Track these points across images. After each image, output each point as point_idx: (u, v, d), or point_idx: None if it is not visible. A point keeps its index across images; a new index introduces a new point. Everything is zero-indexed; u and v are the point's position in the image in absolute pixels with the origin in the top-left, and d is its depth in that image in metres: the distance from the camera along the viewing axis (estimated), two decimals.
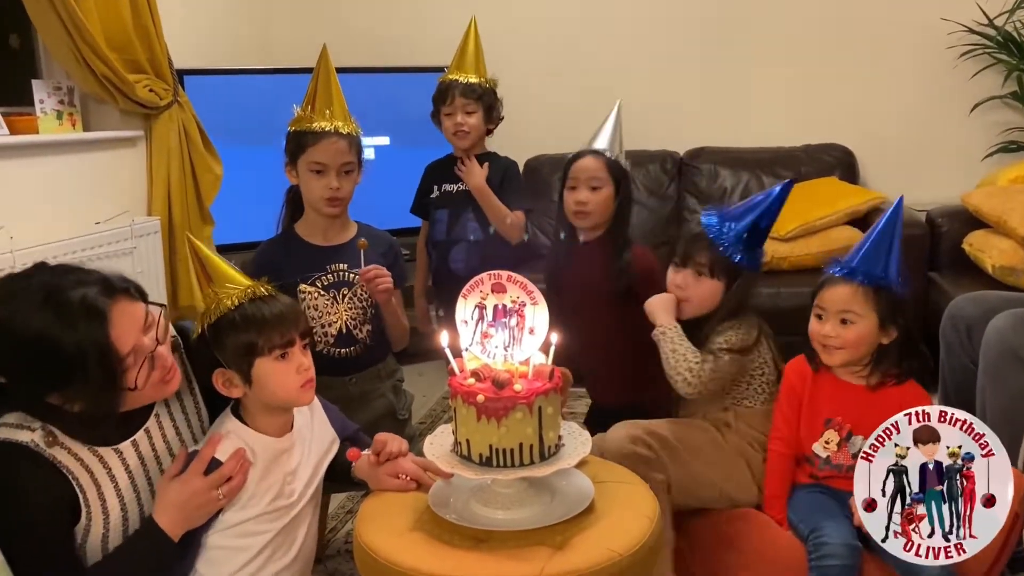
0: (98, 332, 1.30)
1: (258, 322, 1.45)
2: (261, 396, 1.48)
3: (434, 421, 3.18)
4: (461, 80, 2.65)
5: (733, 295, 1.89)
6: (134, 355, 1.34)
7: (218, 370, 1.47)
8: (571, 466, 1.40)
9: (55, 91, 2.91)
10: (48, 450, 1.32)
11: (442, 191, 2.76)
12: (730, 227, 1.87)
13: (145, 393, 1.40)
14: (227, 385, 1.48)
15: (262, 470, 1.49)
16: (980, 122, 3.81)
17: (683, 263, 1.92)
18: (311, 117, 2.01)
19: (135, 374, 1.34)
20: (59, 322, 1.27)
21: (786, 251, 3.41)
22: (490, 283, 1.42)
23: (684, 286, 1.91)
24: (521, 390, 1.33)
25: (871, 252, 1.77)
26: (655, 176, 3.94)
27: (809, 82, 3.98)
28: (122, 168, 3.14)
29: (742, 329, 1.86)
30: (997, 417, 2.12)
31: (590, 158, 2.22)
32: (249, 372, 1.46)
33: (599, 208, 2.18)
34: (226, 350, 1.45)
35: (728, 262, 1.87)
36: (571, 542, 1.33)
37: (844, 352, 1.78)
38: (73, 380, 1.29)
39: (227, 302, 1.46)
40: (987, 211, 3.15)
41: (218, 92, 3.48)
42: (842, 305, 1.76)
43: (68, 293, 1.29)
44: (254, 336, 1.44)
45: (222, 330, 1.45)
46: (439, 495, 1.46)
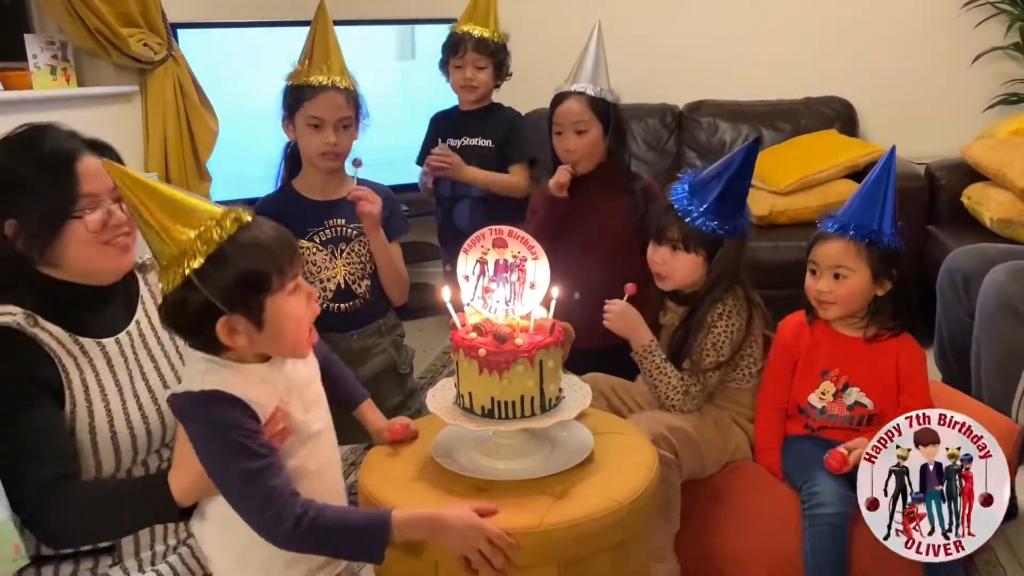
0: (70, 150, 1.33)
1: (261, 250, 1.21)
2: (270, 340, 1.25)
3: (435, 375, 3.21)
4: (475, 34, 2.61)
5: (717, 267, 1.84)
6: (92, 199, 1.34)
7: (223, 318, 1.19)
8: (571, 418, 1.42)
9: (48, 46, 2.88)
10: (30, 329, 1.31)
11: (446, 145, 2.73)
12: (700, 197, 1.82)
13: (99, 262, 1.38)
14: (232, 333, 1.21)
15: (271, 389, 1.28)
16: (981, 74, 3.78)
17: (658, 239, 1.88)
18: (308, 71, 1.99)
19: (91, 214, 1.34)
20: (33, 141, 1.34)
21: (785, 205, 3.41)
22: (491, 238, 1.42)
23: (663, 262, 1.88)
24: (522, 344, 1.34)
25: (863, 206, 1.77)
26: (654, 130, 3.92)
27: (809, 34, 3.94)
28: (117, 124, 3.12)
29: (733, 321, 1.82)
30: (992, 369, 2.15)
31: (572, 101, 2.20)
32: (260, 313, 1.22)
33: (587, 151, 2.17)
34: (228, 291, 1.19)
35: (701, 234, 1.81)
36: (571, 491, 1.35)
37: (838, 307, 1.80)
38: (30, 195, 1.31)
39: (216, 235, 1.19)
40: (986, 164, 3.14)
41: (213, 46, 3.44)
42: (834, 260, 1.77)
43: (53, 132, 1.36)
44: (264, 266, 1.21)
45: (218, 268, 1.18)
46: (442, 446, 1.48)
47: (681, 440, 1.76)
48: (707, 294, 1.85)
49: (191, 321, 1.21)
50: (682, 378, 1.82)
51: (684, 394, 1.82)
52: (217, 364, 1.25)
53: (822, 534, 1.66)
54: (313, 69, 1.99)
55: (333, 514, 1.22)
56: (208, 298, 1.18)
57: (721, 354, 1.82)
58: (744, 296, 1.87)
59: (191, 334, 1.25)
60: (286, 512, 1.18)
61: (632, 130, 3.89)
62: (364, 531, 1.23)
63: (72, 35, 2.89)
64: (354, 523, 1.24)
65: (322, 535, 1.20)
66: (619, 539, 1.34)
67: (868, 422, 1.79)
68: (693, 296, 1.89)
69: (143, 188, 1.20)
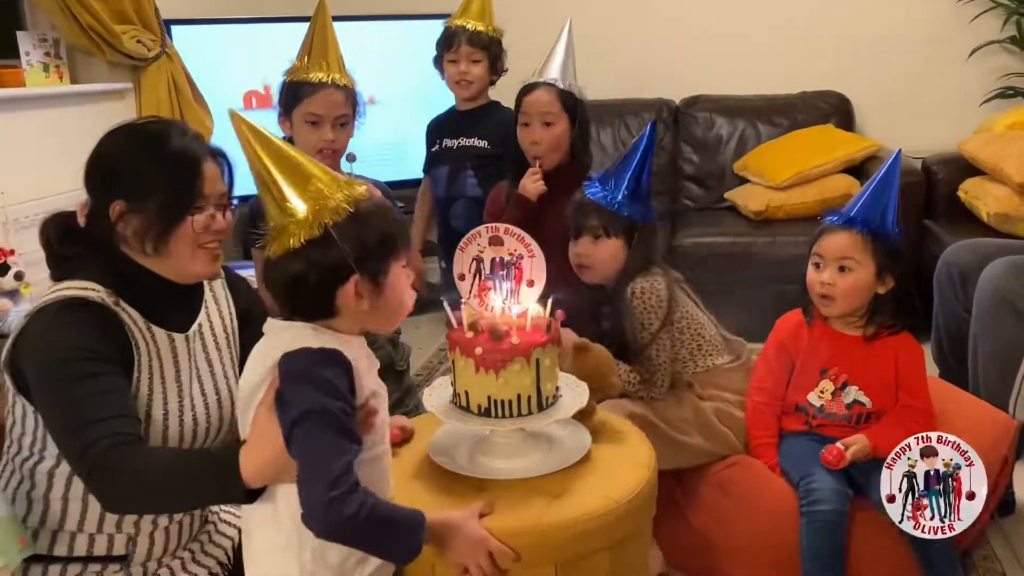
0: (197, 152, 1.38)
1: (390, 214, 1.23)
2: (383, 307, 1.22)
3: (431, 372, 3.20)
4: (468, 27, 2.60)
5: (637, 249, 1.89)
6: (206, 200, 1.38)
7: (354, 277, 1.17)
8: (568, 417, 1.41)
9: (40, 43, 2.86)
10: (112, 307, 1.32)
11: (442, 146, 2.72)
12: (612, 185, 1.88)
13: (191, 263, 1.39)
14: (358, 295, 1.19)
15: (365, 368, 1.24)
16: (978, 67, 3.77)
17: (577, 233, 1.91)
18: (307, 68, 1.98)
19: (199, 215, 1.36)
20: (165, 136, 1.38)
21: (781, 200, 3.41)
22: (487, 236, 1.42)
23: (586, 253, 1.90)
24: (519, 342, 1.33)
25: (870, 201, 1.78)
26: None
27: (805, 28, 3.93)
28: (112, 121, 3.02)
29: (649, 296, 1.84)
30: (989, 363, 2.15)
31: (542, 91, 2.19)
32: (383, 277, 1.20)
33: (553, 144, 2.17)
34: (365, 248, 1.18)
35: (620, 219, 1.87)
36: (568, 490, 1.34)
37: (840, 303, 1.79)
38: (153, 184, 1.33)
39: (356, 192, 1.20)
40: (983, 158, 3.14)
41: (207, 42, 3.42)
42: (840, 252, 1.77)
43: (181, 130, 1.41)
44: (395, 228, 1.22)
45: (357, 225, 1.17)
46: (439, 445, 1.47)
47: (643, 425, 1.75)
48: (622, 278, 1.88)
49: (318, 279, 1.17)
50: (631, 370, 1.84)
51: (642, 383, 1.84)
52: (324, 331, 1.20)
53: (820, 531, 1.67)
54: (312, 66, 1.98)
55: (385, 508, 1.18)
56: (343, 254, 1.16)
57: (654, 331, 1.84)
58: (659, 273, 1.90)
59: (310, 295, 1.19)
60: (353, 497, 1.11)
61: (629, 125, 3.89)
62: (406, 530, 1.19)
63: (65, 32, 2.88)
64: (399, 520, 1.19)
65: (374, 527, 1.15)
66: (616, 538, 1.33)
67: (867, 420, 1.79)
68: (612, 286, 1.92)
69: (271, 147, 1.21)
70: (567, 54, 2.21)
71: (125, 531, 1.37)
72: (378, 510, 1.14)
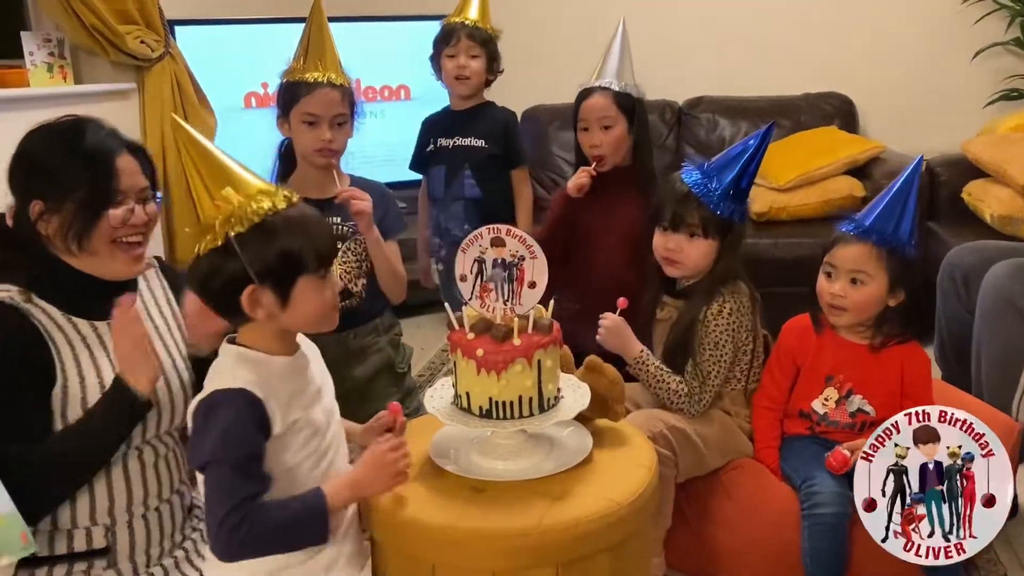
0: (111, 147, 1.39)
1: (303, 229, 1.24)
2: (290, 319, 1.26)
3: (433, 374, 3.20)
4: (467, 23, 2.61)
5: (727, 252, 1.84)
6: (124, 195, 1.40)
7: (250, 287, 1.21)
8: (569, 418, 1.41)
9: (45, 43, 2.86)
10: (23, 305, 1.34)
11: (438, 146, 2.73)
12: (716, 182, 1.81)
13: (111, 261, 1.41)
14: (255, 304, 1.23)
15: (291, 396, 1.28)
16: (982, 69, 3.77)
17: (673, 226, 1.84)
18: (304, 68, 1.99)
19: (116, 210, 1.38)
20: (79, 132, 1.39)
21: (784, 201, 3.40)
22: (489, 237, 1.41)
23: (677, 249, 1.84)
24: (520, 344, 1.33)
25: (886, 212, 1.73)
26: (654, 126, 3.89)
27: (809, 29, 3.93)
28: (115, 121, 3.00)
29: (734, 319, 1.80)
30: (992, 366, 2.14)
31: (598, 96, 2.19)
32: (289, 290, 1.24)
33: (613, 147, 2.17)
34: (264, 262, 1.21)
35: (719, 219, 1.81)
36: (570, 492, 1.34)
37: (850, 314, 1.77)
38: (67, 183, 1.35)
39: (266, 203, 1.22)
40: (987, 160, 3.13)
41: (210, 43, 3.43)
42: (854, 264, 1.74)
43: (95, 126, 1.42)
44: (306, 245, 1.23)
45: (261, 237, 1.20)
46: (440, 446, 1.47)
47: (680, 440, 1.75)
48: (708, 287, 1.84)
49: (220, 285, 1.22)
50: (681, 382, 1.81)
51: (687, 397, 1.80)
52: (246, 360, 1.26)
53: (821, 534, 1.66)
54: (308, 66, 1.99)
55: (277, 511, 1.21)
56: (243, 266, 1.20)
57: (723, 353, 1.80)
58: (746, 292, 1.86)
59: (217, 298, 1.25)
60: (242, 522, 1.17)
61: None
62: (307, 518, 1.23)
63: (69, 32, 2.88)
64: (296, 512, 1.23)
65: (270, 533, 1.20)
66: (617, 539, 1.33)
67: (870, 428, 1.77)
68: (691, 288, 1.88)
69: (198, 149, 1.25)
70: (622, 54, 2.22)
71: (101, 522, 1.39)
72: (270, 517, 1.19)
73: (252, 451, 1.21)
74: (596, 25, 3.93)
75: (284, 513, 1.21)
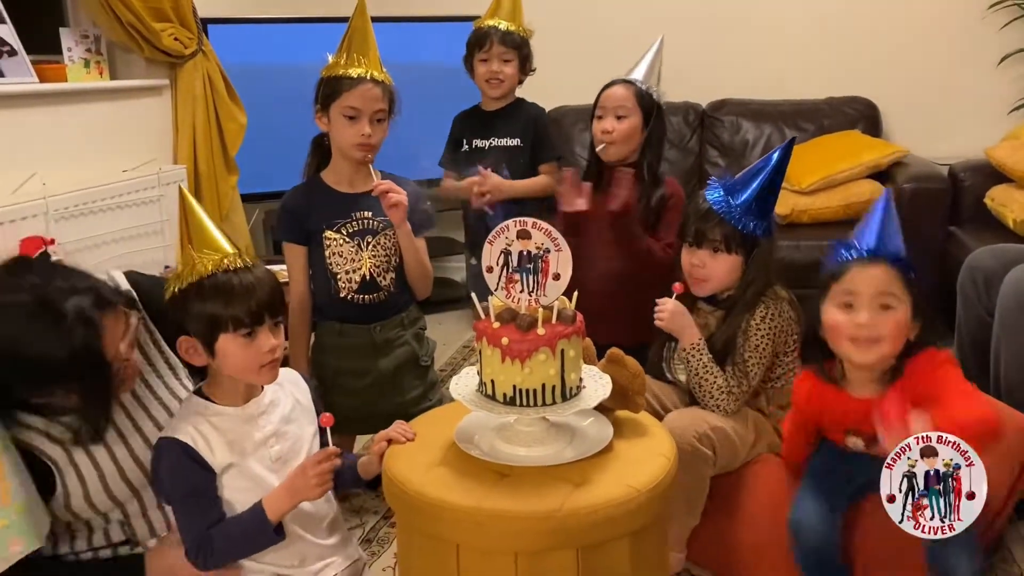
0: (93, 342, 1.37)
1: (225, 294, 1.38)
2: (222, 369, 1.44)
3: (455, 368, 3.24)
4: (500, 27, 2.60)
5: (754, 266, 1.85)
6: (114, 362, 1.43)
7: (182, 337, 1.42)
8: (591, 407, 1.44)
9: (82, 39, 2.94)
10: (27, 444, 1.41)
11: (473, 147, 2.71)
12: (737, 198, 1.83)
13: None
14: (190, 353, 1.43)
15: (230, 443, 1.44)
16: (1008, 75, 3.75)
17: (697, 243, 1.86)
18: (346, 63, 2.01)
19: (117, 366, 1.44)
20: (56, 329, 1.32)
21: (806, 204, 3.41)
22: (515, 229, 1.45)
23: (702, 265, 1.87)
24: (544, 333, 1.36)
25: (887, 231, 1.62)
26: (677, 128, 3.93)
27: (833, 34, 3.93)
28: (148, 117, 3.18)
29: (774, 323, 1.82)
30: (1011, 367, 2.15)
31: (619, 86, 2.22)
32: (212, 345, 1.40)
33: (623, 137, 2.18)
34: (191, 318, 1.40)
35: (742, 234, 1.82)
36: (590, 478, 1.37)
37: (886, 343, 1.55)
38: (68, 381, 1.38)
39: (200, 267, 1.39)
40: (1011, 165, 3.13)
41: (242, 41, 3.50)
42: (881, 287, 1.54)
43: (63, 304, 1.34)
44: (220, 308, 1.38)
45: (190, 297, 1.39)
46: (464, 432, 1.51)
47: (721, 439, 1.78)
48: (744, 297, 1.85)
49: (171, 332, 1.47)
50: (727, 378, 1.83)
51: (728, 394, 1.82)
52: (200, 410, 1.45)
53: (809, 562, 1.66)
54: (351, 61, 2.01)
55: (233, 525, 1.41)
56: (180, 315, 1.41)
57: (763, 356, 1.83)
58: (784, 296, 1.87)
59: (170, 343, 1.49)
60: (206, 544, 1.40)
61: None
62: (256, 526, 1.40)
63: (106, 29, 2.96)
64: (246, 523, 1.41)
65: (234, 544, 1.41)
66: (637, 526, 1.36)
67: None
68: (729, 299, 1.89)
69: (190, 211, 1.44)
70: (654, 62, 2.25)
71: (114, 519, 1.47)
72: (228, 535, 1.40)
73: (196, 488, 1.40)
74: (621, 28, 3.98)
75: (239, 528, 1.41)
